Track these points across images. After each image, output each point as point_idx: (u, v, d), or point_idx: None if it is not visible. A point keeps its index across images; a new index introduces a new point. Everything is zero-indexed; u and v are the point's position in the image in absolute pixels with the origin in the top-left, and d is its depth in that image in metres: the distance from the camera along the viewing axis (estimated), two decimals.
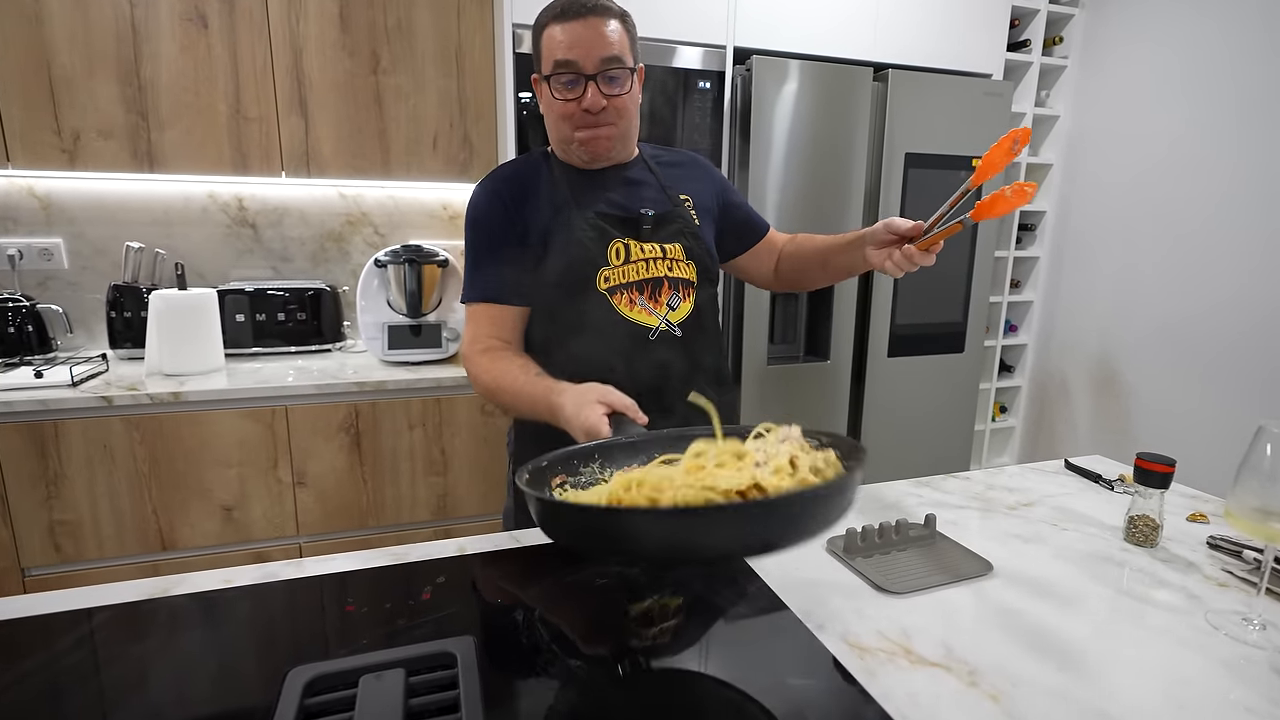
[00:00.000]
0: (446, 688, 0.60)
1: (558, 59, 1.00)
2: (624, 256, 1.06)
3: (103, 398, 1.61)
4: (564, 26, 0.99)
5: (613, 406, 0.84)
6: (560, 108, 1.03)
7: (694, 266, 1.11)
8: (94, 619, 0.72)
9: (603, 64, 1.00)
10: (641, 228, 1.07)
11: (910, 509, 1.04)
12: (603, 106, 1.02)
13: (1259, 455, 0.73)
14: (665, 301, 1.07)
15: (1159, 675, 0.67)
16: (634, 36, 1.05)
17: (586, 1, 0.99)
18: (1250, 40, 1.97)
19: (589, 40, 0.98)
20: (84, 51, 1.70)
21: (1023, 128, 0.91)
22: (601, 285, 1.05)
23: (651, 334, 1.06)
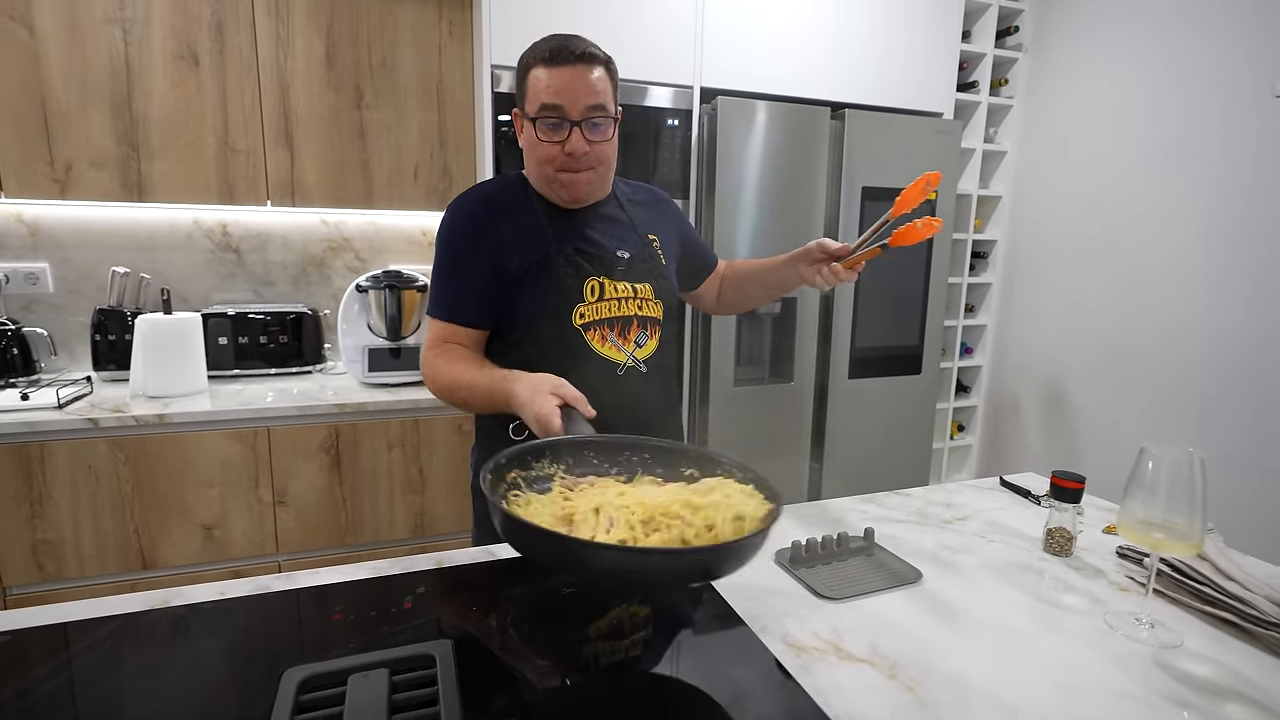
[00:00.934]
0: (427, 685, 0.68)
1: (544, 102, 1.03)
2: (598, 294, 1.11)
3: (89, 419, 1.66)
4: (551, 71, 1.03)
5: (564, 398, 0.91)
6: (544, 150, 1.07)
7: (661, 305, 1.18)
8: (100, 629, 0.78)
9: (587, 111, 1.04)
10: (616, 268, 1.13)
11: (853, 523, 1.14)
12: (585, 152, 1.06)
13: (1143, 472, 0.83)
14: (633, 339, 1.14)
15: (1054, 667, 0.77)
16: (616, 84, 1.10)
17: (575, 48, 1.03)
18: (1182, 76, 2.13)
19: (576, 87, 1.02)
20: (79, 87, 1.76)
21: (934, 171, 1.04)
22: (577, 321, 1.10)
23: (620, 369, 1.12)
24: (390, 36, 2.00)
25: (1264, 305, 1.95)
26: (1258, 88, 1.95)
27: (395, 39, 2.01)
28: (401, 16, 2.01)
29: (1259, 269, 1.96)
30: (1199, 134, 2.09)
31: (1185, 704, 0.71)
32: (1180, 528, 0.80)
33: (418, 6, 2.02)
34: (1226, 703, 0.72)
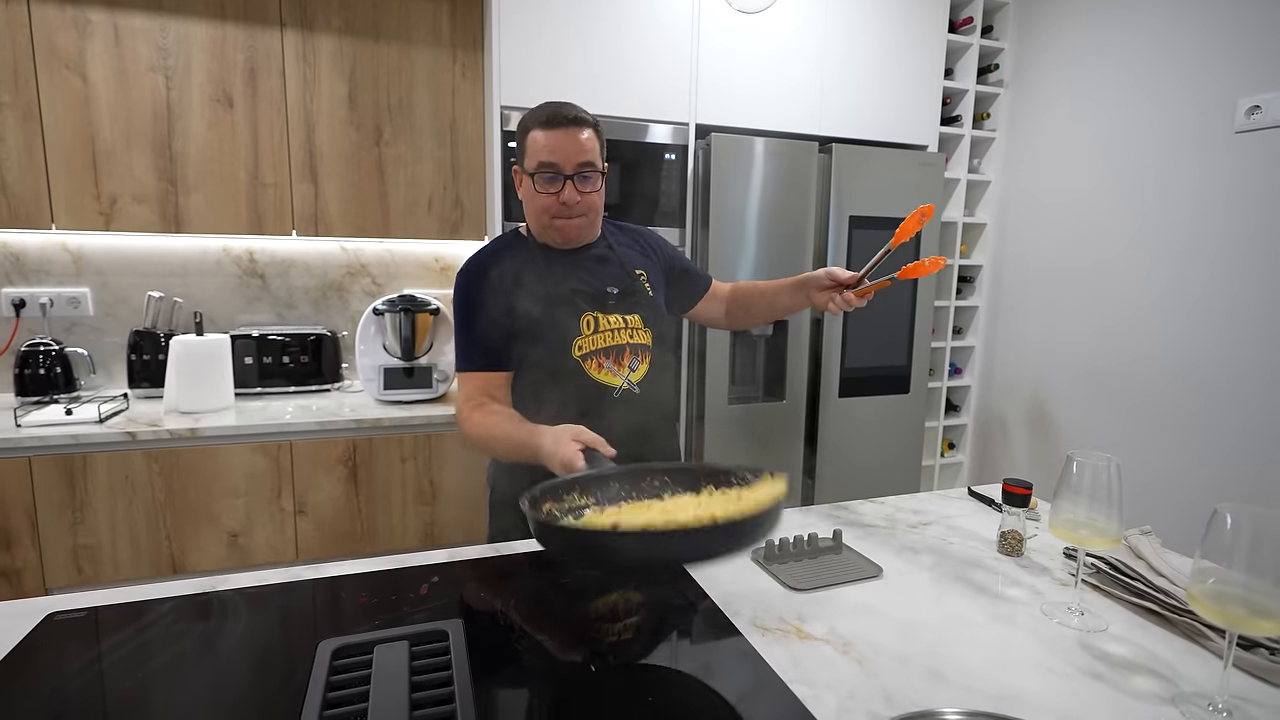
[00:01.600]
0: (441, 655, 0.80)
1: (541, 160, 1.20)
2: (594, 327, 1.26)
3: (127, 433, 1.79)
4: (547, 133, 1.19)
5: (585, 443, 1.03)
6: (541, 200, 1.22)
7: (650, 333, 1.31)
8: (161, 606, 0.91)
9: (579, 167, 1.20)
10: (607, 302, 1.27)
11: (826, 527, 1.25)
12: (577, 201, 1.22)
13: (1069, 476, 0.95)
14: (627, 364, 1.27)
15: (988, 647, 0.88)
16: (603, 143, 1.26)
17: (567, 114, 1.20)
18: (1157, 108, 2.25)
19: (568, 147, 1.19)
20: (124, 128, 1.93)
21: (929, 205, 1.19)
22: (575, 353, 1.24)
23: (615, 393, 1.26)
24: (408, 79, 2.17)
25: (1238, 328, 2.05)
26: (1221, 123, 2.07)
27: (412, 81, 2.18)
28: (418, 61, 2.17)
29: (1232, 294, 2.07)
30: (1169, 166, 2.21)
31: (1098, 676, 0.82)
32: (1101, 524, 0.91)
33: (433, 51, 2.18)
34: (1135, 675, 0.82)
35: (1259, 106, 1.97)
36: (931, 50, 2.52)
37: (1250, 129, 2.00)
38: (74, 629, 0.85)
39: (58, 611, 0.89)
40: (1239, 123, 2.02)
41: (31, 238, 2.10)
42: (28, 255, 2.11)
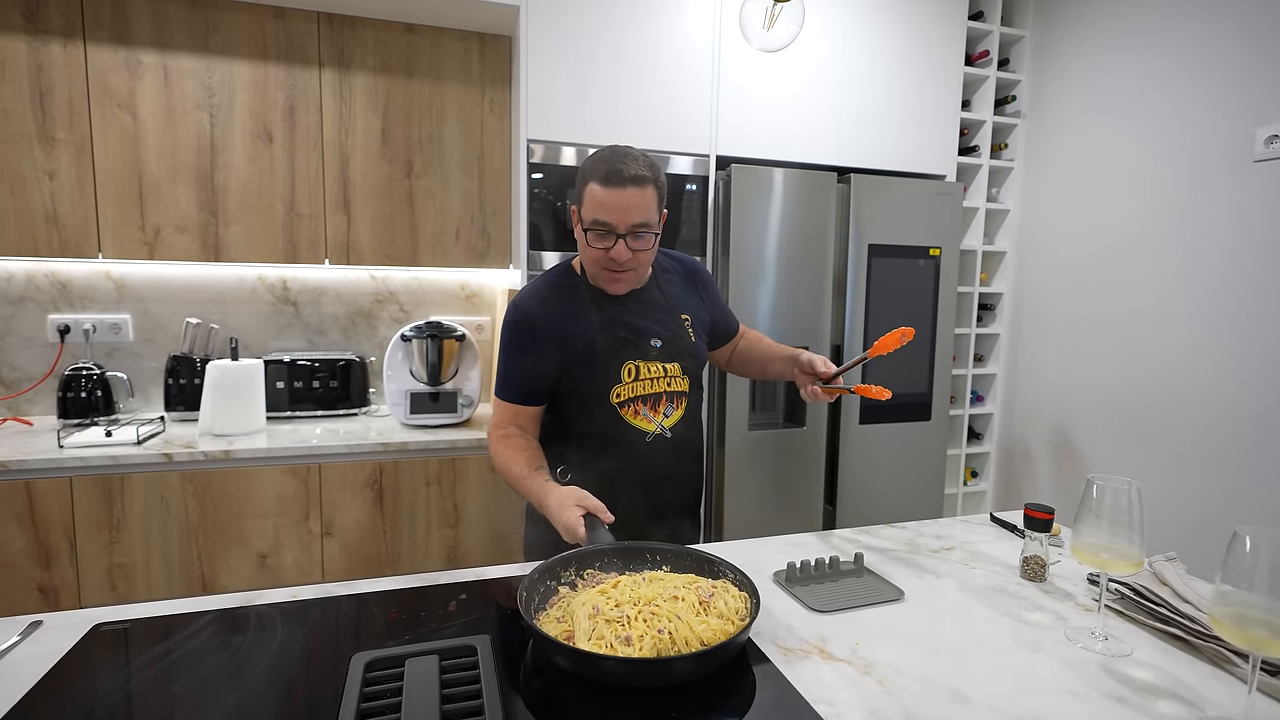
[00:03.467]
0: (470, 669, 0.82)
1: (596, 218, 1.19)
2: (634, 375, 1.29)
3: (164, 454, 1.85)
4: (606, 191, 1.17)
5: (587, 508, 1.11)
6: (591, 253, 1.23)
7: (688, 380, 1.35)
8: (202, 619, 0.94)
9: (633, 227, 1.19)
10: (650, 353, 1.30)
11: (848, 551, 1.26)
12: (627, 259, 1.21)
13: (1090, 501, 0.96)
14: (662, 410, 1.31)
15: (1012, 670, 0.88)
16: (662, 195, 1.24)
17: (626, 172, 1.16)
18: (1174, 137, 2.27)
19: (624, 208, 1.17)
20: (170, 163, 2.03)
21: (910, 329, 1.26)
22: (614, 400, 1.27)
23: (649, 438, 1.30)
24: (438, 115, 2.26)
25: (1257, 354, 2.04)
26: (1241, 152, 2.08)
27: (442, 117, 2.26)
28: (448, 97, 2.26)
29: (1251, 320, 2.05)
30: (1188, 194, 2.22)
31: (1122, 700, 0.82)
32: (1123, 549, 0.92)
33: (463, 88, 2.27)
34: (1159, 700, 0.82)
35: (1279, 136, 1.98)
36: (949, 82, 2.57)
37: (1270, 158, 2.01)
38: (118, 640, 0.89)
39: (103, 623, 0.92)
40: (1258, 152, 2.03)
41: (78, 267, 2.19)
42: (74, 283, 2.20)
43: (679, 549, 1.09)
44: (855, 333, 2.42)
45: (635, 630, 0.86)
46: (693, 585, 0.96)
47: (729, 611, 0.91)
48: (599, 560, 1.06)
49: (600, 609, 0.90)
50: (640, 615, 0.89)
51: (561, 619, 0.92)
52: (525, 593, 0.93)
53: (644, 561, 1.08)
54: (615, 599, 0.92)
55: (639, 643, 0.84)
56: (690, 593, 0.94)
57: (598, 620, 0.88)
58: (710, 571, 1.03)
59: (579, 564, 1.05)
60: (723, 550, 1.25)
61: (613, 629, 0.87)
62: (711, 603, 0.92)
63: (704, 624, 0.87)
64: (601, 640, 0.85)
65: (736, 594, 0.95)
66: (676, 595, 0.93)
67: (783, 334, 2.33)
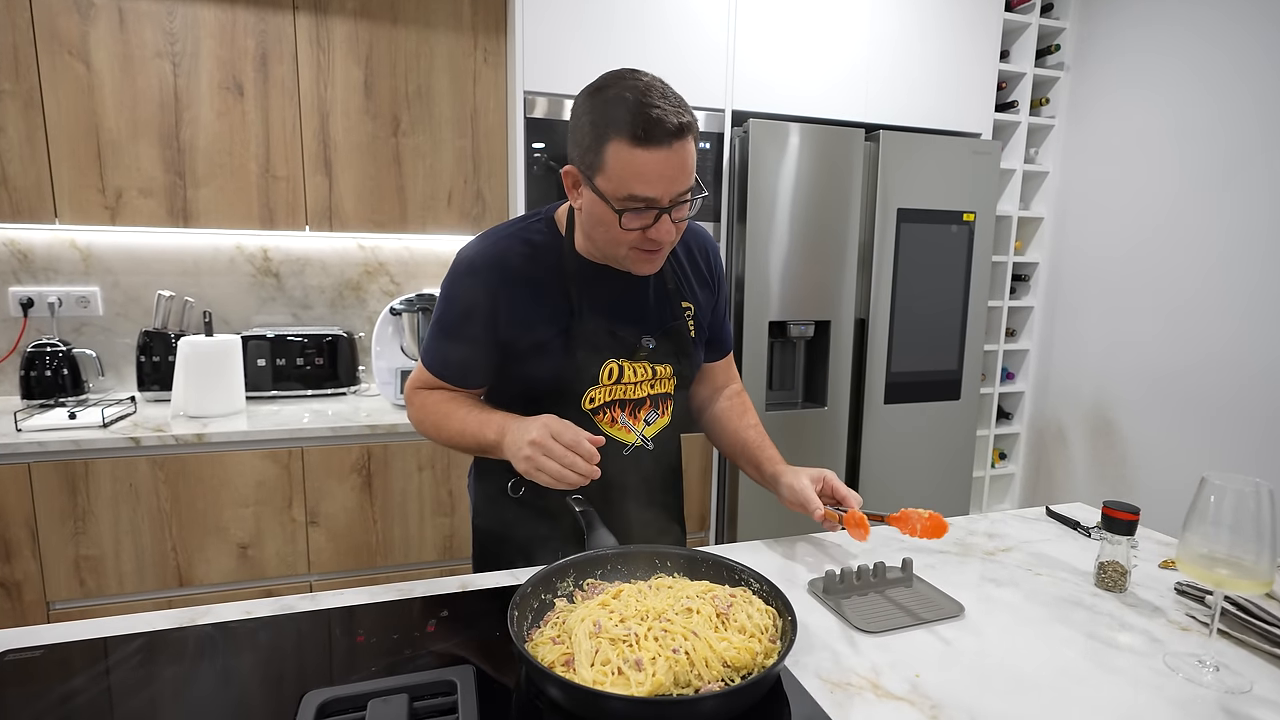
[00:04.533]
0: (447, 712, 0.66)
1: (634, 192, 0.86)
2: (615, 377, 1.03)
3: (131, 438, 1.70)
4: (646, 153, 0.84)
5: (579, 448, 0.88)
6: (621, 234, 0.91)
7: (676, 381, 1.09)
8: (129, 644, 0.78)
9: (679, 196, 0.89)
10: (638, 352, 1.03)
11: (890, 553, 1.10)
12: (671, 239, 0.92)
13: (1204, 505, 0.78)
14: (643, 418, 1.07)
15: (1112, 713, 0.72)
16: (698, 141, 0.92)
17: (670, 122, 0.84)
18: (1233, 97, 2.06)
19: (672, 173, 0.86)
20: (130, 117, 1.84)
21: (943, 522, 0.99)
22: (586, 405, 1.02)
23: (626, 449, 1.06)
24: (426, 65, 2.05)
25: None
26: None
27: (431, 67, 2.06)
28: (437, 46, 2.06)
29: None
30: (1245, 157, 2.02)
31: None
32: (1248, 564, 0.75)
33: (453, 35, 2.07)
34: None
35: None
36: (986, 30, 2.34)
37: None
38: (21, 673, 0.73)
39: (9, 650, 0.77)
40: None
41: (38, 234, 2.02)
42: (35, 253, 2.03)
43: (692, 553, 0.92)
44: (880, 307, 2.24)
45: (645, 651, 0.70)
46: (708, 594, 0.80)
47: (752, 626, 0.75)
48: (601, 568, 0.91)
49: (603, 625, 0.74)
50: (650, 632, 0.73)
51: (558, 639, 0.76)
52: (516, 610, 0.77)
53: (651, 567, 0.92)
54: (619, 613, 0.76)
55: (651, 667, 0.69)
56: (706, 603, 0.78)
57: (600, 640, 0.72)
58: (728, 578, 0.87)
59: (577, 572, 0.89)
60: (741, 552, 1.08)
61: (618, 650, 0.71)
62: (730, 615, 0.77)
63: (724, 641, 0.72)
64: (607, 665, 0.70)
65: (762, 606, 0.79)
66: (690, 607, 0.77)
67: (802, 308, 2.15)
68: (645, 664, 0.69)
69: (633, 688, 0.67)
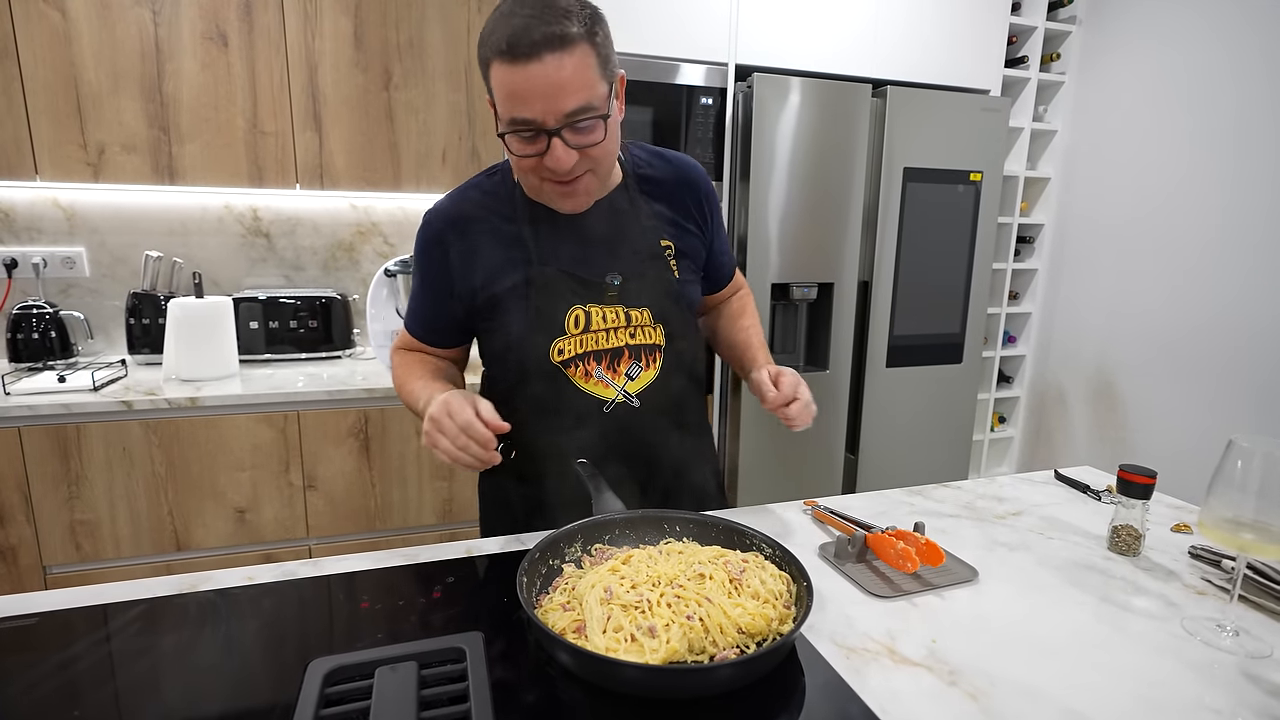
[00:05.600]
0: (456, 680, 0.64)
1: (514, 115, 0.80)
2: (583, 325, 0.96)
3: (123, 402, 1.66)
4: (513, 70, 0.77)
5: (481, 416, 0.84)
6: (520, 164, 0.87)
7: (662, 328, 1.00)
8: (130, 611, 0.76)
9: (567, 118, 0.80)
10: (606, 293, 0.96)
11: (901, 517, 1.08)
12: (573, 163, 0.84)
13: (1230, 468, 0.76)
14: (624, 371, 0.99)
15: (1133, 678, 0.71)
16: (605, 53, 0.83)
17: (534, 34, 0.76)
18: (1249, 55, 2.00)
19: (546, 90, 0.78)
20: (110, 69, 1.76)
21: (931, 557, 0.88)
22: (555, 357, 0.95)
23: (606, 407, 0.98)
24: (418, 14, 1.96)
25: None
26: None
27: (423, 17, 1.97)
28: None
29: None
30: (1260, 118, 1.96)
31: None
32: (1275, 529, 0.73)
33: None
34: None
35: None
36: None
37: None
38: (17, 642, 0.71)
39: (6, 618, 0.74)
40: None
41: (19, 193, 1.95)
42: (16, 211, 1.96)
43: (703, 518, 0.91)
44: (884, 269, 2.20)
45: (659, 617, 0.69)
46: (720, 560, 0.79)
47: (765, 592, 0.74)
48: (609, 533, 0.89)
49: (614, 591, 0.72)
50: (663, 599, 0.72)
51: (568, 605, 0.75)
52: (525, 576, 0.75)
53: (660, 532, 0.90)
54: (630, 579, 0.74)
55: (665, 633, 0.67)
56: (719, 569, 0.76)
57: (612, 606, 0.71)
58: (739, 543, 0.86)
59: (585, 537, 0.87)
60: (748, 516, 1.07)
61: (631, 616, 0.69)
62: (743, 580, 0.75)
63: (739, 607, 0.71)
64: (620, 631, 0.68)
65: (775, 572, 0.78)
66: (703, 573, 0.76)
67: (805, 270, 2.11)
68: (659, 631, 0.68)
69: (647, 655, 0.66)
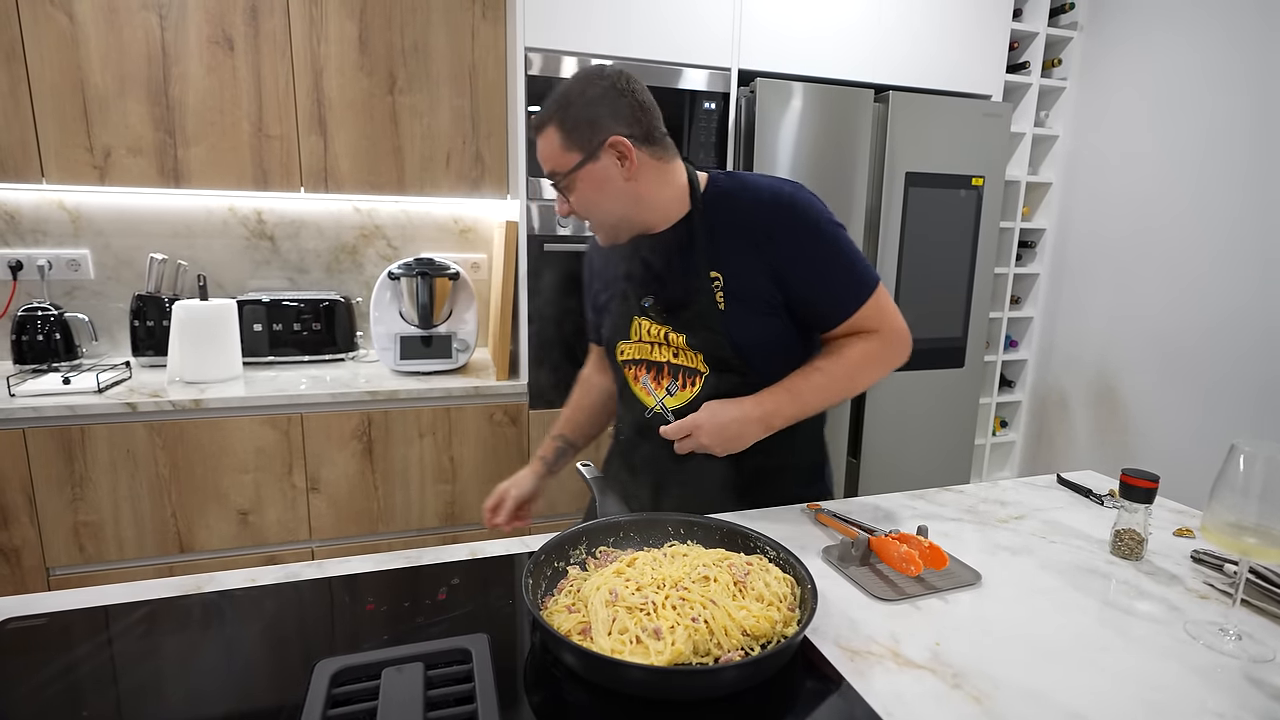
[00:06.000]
0: (462, 681, 0.65)
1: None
2: (638, 334, 1.09)
3: (127, 404, 1.67)
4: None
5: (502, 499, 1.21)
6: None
7: (701, 356, 1.04)
8: (134, 613, 0.76)
9: (549, 177, 1.02)
10: (645, 310, 1.07)
11: (904, 520, 1.08)
12: (567, 214, 1.04)
13: (1233, 472, 0.77)
14: (665, 386, 1.07)
15: (1137, 681, 0.71)
16: (571, 131, 0.97)
17: (534, 118, 1.02)
18: (1250, 60, 2.01)
19: (542, 157, 1.02)
20: (116, 72, 1.77)
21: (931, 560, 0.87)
22: (619, 355, 1.12)
23: (647, 413, 1.09)
24: (422, 19, 1.98)
25: None
26: None
27: (427, 21, 1.98)
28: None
29: None
30: (1262, 124, 1.97)
31: None
32: (1278, 533, 0.73)
33: None
34: None
35: None
36: None
37: None
38: (25, 641, 0.71)
39: (11, 619, 0.75)
40: None
41: (25, 195, 1.96)
42: (22, 214, 1.97)
43: (707, 520, 0.91)
44: (887, 273, 2.20)
45: (664, 620, 0.69)
46: (724, 562, 0.79)
47: (770, 595, 0.74)
48: (613, 535, 0.90)
49: (619, 593, 0.73)
50: (668, 601, 0.72)
51: (574, 607, 0.75)
52: (530, 578, 0.75)
53: (664, 535, 0.91)
54: (635, 581, 0.75)
55: (670, 635, 0.68)
56: (723, 571, 0.77)
57: (617, 608, 0.71)
58: (743, 546, 0.87)
59: (589, 540, 0.88)
60: (751, 520, 1.07)
61: (636, 619, 0.70)
62: (748, 583, 0.76)
63: (743, 610, 0.72)
64: (625, 633, 0.68)
65: (779, 574, 0.78)
66: (707, 575, 0.76)
67: None
68: (664, 633, 0.68)
69: (652, 657, 0.66)
